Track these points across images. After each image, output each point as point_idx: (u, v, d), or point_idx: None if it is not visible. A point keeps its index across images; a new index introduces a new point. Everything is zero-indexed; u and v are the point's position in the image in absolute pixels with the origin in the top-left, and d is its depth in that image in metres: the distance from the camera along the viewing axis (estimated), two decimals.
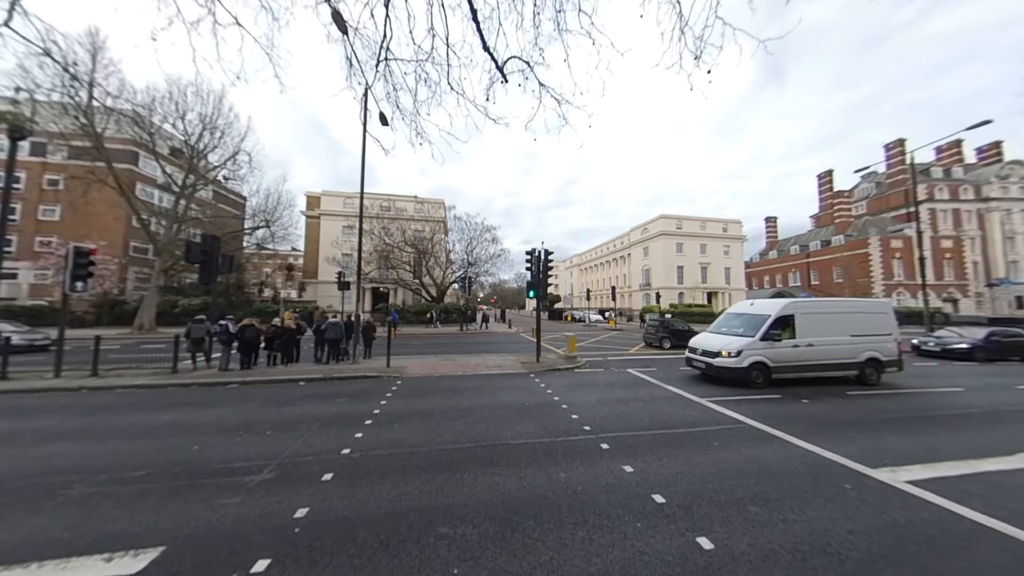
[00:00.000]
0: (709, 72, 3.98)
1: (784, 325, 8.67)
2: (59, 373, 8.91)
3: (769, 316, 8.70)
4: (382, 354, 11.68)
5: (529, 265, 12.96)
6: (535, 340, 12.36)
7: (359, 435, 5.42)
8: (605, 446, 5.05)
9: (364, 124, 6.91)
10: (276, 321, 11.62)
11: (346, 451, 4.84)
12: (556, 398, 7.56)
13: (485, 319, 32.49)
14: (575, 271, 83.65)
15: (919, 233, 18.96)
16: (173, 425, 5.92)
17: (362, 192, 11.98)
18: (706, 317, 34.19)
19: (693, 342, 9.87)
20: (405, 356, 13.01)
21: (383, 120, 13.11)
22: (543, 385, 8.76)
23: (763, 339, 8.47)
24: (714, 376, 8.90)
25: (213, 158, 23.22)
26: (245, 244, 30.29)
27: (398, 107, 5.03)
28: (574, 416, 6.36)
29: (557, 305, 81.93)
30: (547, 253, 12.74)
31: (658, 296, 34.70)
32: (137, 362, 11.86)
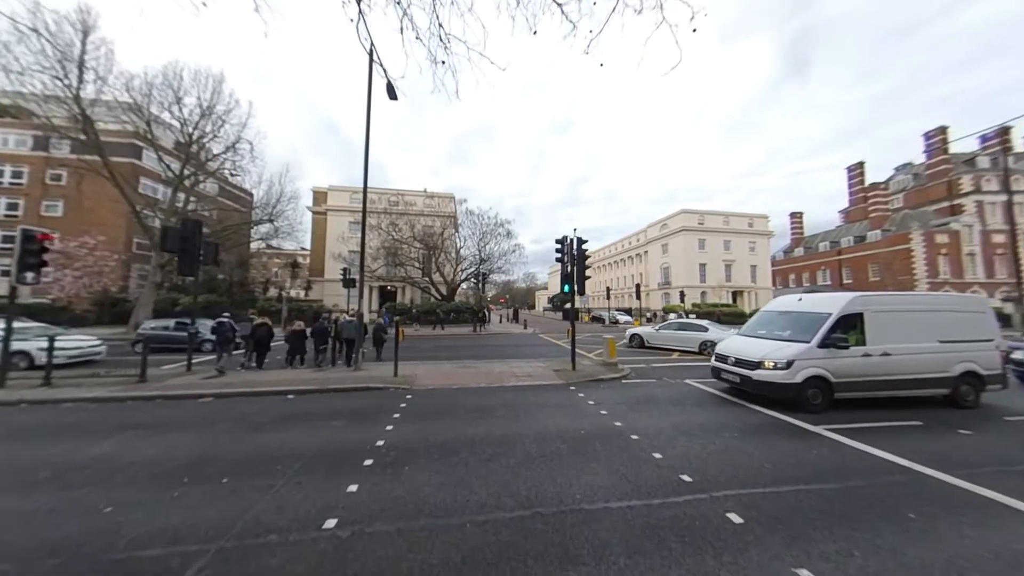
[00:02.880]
0: None
1: (849, 327, 6.61)
2: (3, 383, 7.40)
3: (829, 315, 6.63)
4: (388, 358, 9.92)
5: (560, 256, 11.12)
6: (559, 343, 10.53)
7: (353, 488, 3.65)
8: (736, 518, 3.18)
9: (371, 55, 5.17)
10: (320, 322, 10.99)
11: (331, 523, 3.08)
12: (617, 423, 5.70)
13: (485, 319, 30.01)
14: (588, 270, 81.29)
15: (1013, 225, 16.41)
16: (100, 464, 4.26)
17: (367, 155, 10.23)
18: (736, 318, 31.81)
19: (722, 348, 7.81)
20: (415, 362, 11.30)
21: (390, 92, 11.43)
22: (592, 402, 6.90)
23: (822, 345, 6.41)
24: (752, 393, 6.89)
25: (215, 148, 21.95)
26: (252, 239, 29.05)
27: (407, 14, 3.30)
28: (656, 455, 4.50)
29: (568, 305, 79.92)
30: (581, 242, 10.87)
31: (682, 295, 32.47)
32: (121, 366, 10.40)
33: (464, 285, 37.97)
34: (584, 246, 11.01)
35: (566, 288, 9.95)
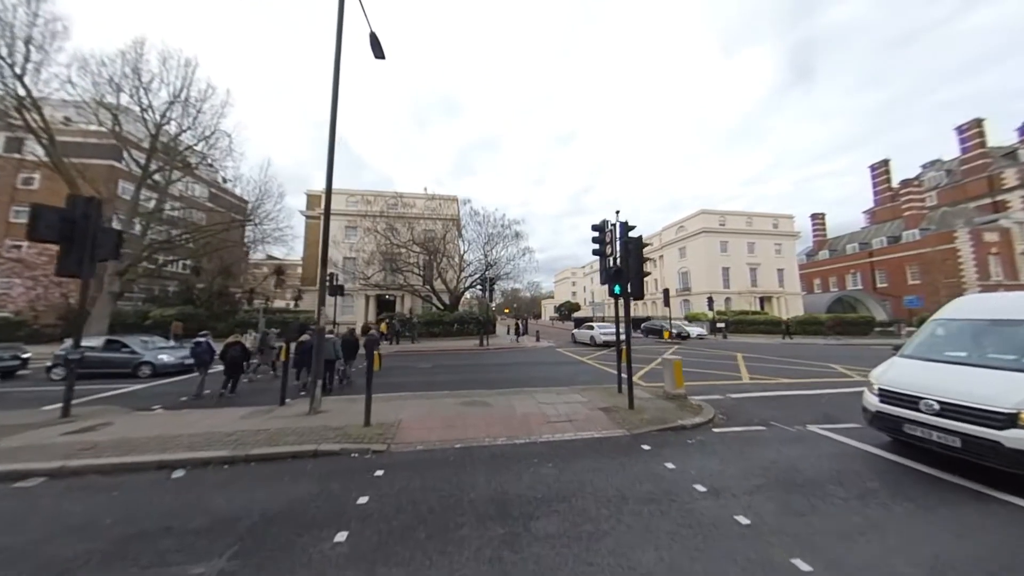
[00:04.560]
0: None
1: None
2: None
3: None
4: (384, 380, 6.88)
5: (599, 248, 8.21)
6: (584, 359, 7.53)
7: None
8: None
9: None
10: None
11: None
12: (803, 564, 2.66)
13: (519, 331, 26.68)
14: (595, 276, 78.19)
15: None
16: None
17: (334, 104, 7.38)
18: (774, 327, 28.46)
19: (895, 383, 4.69)
20: (402, 394, 8.32)
21: (375, 46, 8.80)
22: (701, 487, 3.85)
23: None
24: (994, 468, 3.82)
25: (189, 140, 19.54)
26: (234, 244, 26.37)
27: None
28: None
29: (577, 313, 76.10)
30: (627, 228, 7.92)
31: (710, 301, 29.25)
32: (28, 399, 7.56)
33: (468, 295, 35.08)
34: (631, 230, 8.06)
35: (616, 289, 6.96)
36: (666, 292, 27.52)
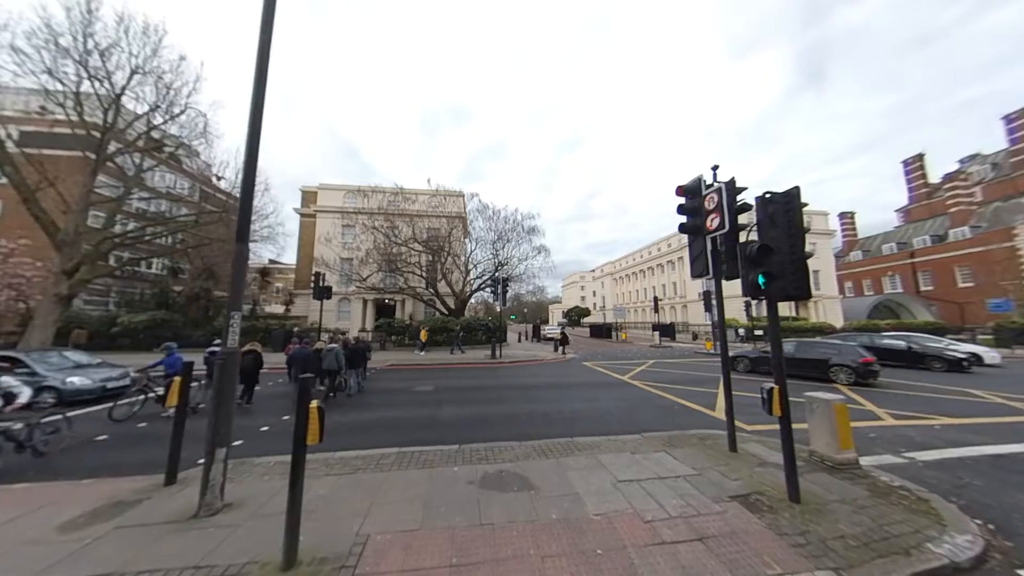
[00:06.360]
0: None
1: None
2: None
3: None
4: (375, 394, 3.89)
5: (693, 220, 5.28)
6: (625, 378, 5.05)
7: None
8: None
9: None
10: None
11: None
12: None
13: (564, 341, 22.10)
14: (607, 280, 74.99)
15: None
16: None
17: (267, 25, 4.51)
18: (821, 335, 25.10)
19: None
20: (379, 454, 5.39)
21: None
22: None
23: None
24: None
25: (158, 120, 17.02)
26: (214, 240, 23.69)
27: None
28: None
29: (588, 319, 72.79)
30: (735, 190, 4.99)
31: (748, 305, 25.99)
32: None
33: (473, 300, 32.15)
34: (739, 197, 5.12)
35: (760, 280, 3.96)
36: (707, 295, 24.34)
